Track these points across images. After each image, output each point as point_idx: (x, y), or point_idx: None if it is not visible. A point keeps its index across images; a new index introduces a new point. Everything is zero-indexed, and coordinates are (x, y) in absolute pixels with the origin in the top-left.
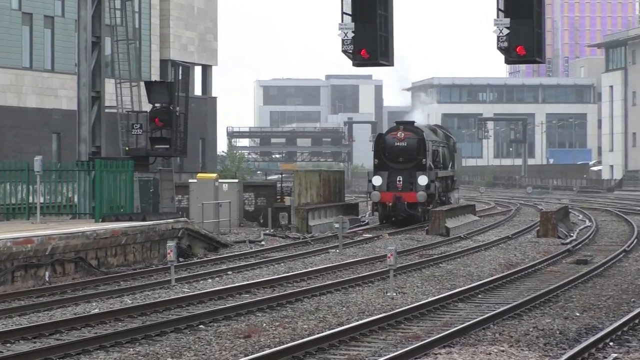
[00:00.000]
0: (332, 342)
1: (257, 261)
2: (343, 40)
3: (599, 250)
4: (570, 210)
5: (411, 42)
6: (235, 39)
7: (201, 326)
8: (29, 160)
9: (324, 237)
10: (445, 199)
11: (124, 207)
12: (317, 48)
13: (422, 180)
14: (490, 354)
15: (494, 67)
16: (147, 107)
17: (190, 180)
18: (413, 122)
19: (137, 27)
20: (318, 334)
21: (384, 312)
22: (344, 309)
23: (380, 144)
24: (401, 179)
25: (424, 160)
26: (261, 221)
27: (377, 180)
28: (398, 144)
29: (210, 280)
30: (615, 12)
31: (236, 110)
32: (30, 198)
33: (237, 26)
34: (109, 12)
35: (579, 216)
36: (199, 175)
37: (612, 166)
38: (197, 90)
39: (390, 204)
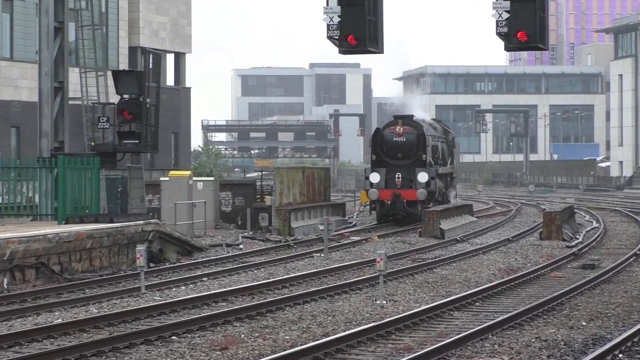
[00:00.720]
0: (317, 355)
1: (234, 266)
2: (328, 26)
3: (607, 254)
4: (575, 210)
5: (403, 27)
6: (211, 24)
7: (174, 337)
8: None
9: (307, 240)
10: (443, 198)
11: (89, 208)
12: (300, 34)
13: (422, 177)
14: None
15: (492, 54)
16: (114, 98)
17: (161, 179)
18: (412, 115)
19: (104, 12)
20: (301, 345)
21: (373, 321)
22: (330, 318)
23: (378, 139)
24: (400, 175)
25: (423, 156)
26: (239, 223)
27: (375, 177)
28: (397, 139)
29: (183, 288)
30: None
31: (212, 101)
32: None
33: (212, 10)
34: None
35: (585, 217)
36: (172, 172)
37: (621, 162)
38: (170, 80)
39: (389, 202)
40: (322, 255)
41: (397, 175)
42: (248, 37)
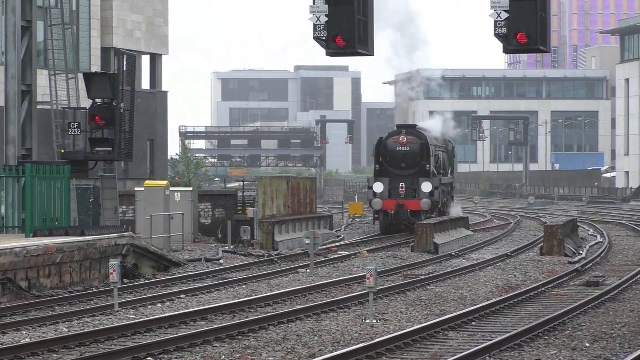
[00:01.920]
0: None
1: (214, 283)
2: (315, 26)
3: (613, 271)
4: (579, 224)
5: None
6: (189, 24)
7: (149, 358)
8: None
9: (292, 254)
10: (445, 209)
11: (59, 220)
12: (284, 35)
13: (426, 187)
14: None
15: (490, 57)
16: (86, 103)
17: (136, 189)
18: (415, 125)
19: (75, 10)
20: None
21: (362, 342)
22: (316, 338)
23: (382, 149)
24: (404, 185)
25: (427, 166)
26: (219, 236)
27: (379, 187)
28: (400, 148)
29: (160, 305)
30: None
31: (190, 107)
32: None
33: (191, 9)
34: None
35: (589, 231)
36: (147, 182)
37: (627, 173)
38: (145, 84)
39: (393, 212)
40: (308, 271)
41: (400, 185)
42: (229, 37)
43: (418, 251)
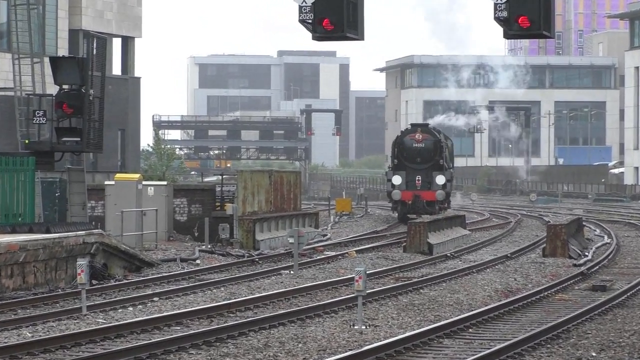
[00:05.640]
0: None
1: (190, 285)
2: (300, 7)
3: (621, 274)
4: (584, 223)
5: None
6: (164, 5)
7: None
8: None
9: (275, 254)
10: (448, 204)
11: (22, 216)
12: (267, 17)
13: (440, 179)
14: None
15: (489, 42)
16: (52, 89)
17: (106, 183)
18: (427, 124)
19: None
20: None
21: (350, 349)
22: (300, 345)
23: (398, 145)
24: (420, 178)
25: (441, 160)
26: (196, 234)
27: (397, 180)
28: (416, 145)
29: (131, 309)
30: None
31: (165, 94)
32: None
33: None
34: None
35: (595, 231)
36: (118, 175)
37: (637, 168)
38: (116, 69)
39: (410, 202)
40: (292, 272)
41: (417, 178)
42: (207, 19)
43: (410, 252)
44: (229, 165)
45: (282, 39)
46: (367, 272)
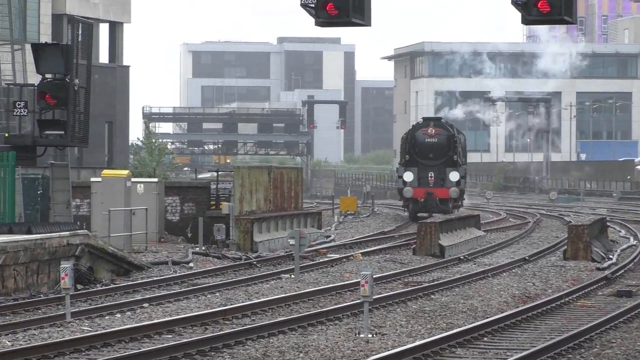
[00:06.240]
0: None
1: (183, 290)
2: None
3: None
4: (608, 223)
5: None
6: None
7: None
8: None
9: (274, 257)
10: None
11: (2, 215)
12: (266, 0)
13: (454, 176)
14: None
15: (506, 29)
16: (34, 78)
17: (92, 179)
18: (440, 117)
19: None
20: None
21: (355, 359)
22: (302, 355)
23: (410, 140)
24: (432, 174)
25: (454, 156)
26: (189, 235)
27: (409, 176)
28: (429, 140)
29: (119, 316)
30: None
31: (156, 84)
32: None
33: None
34: None
35: (620, 232)
36: (105, 172)
37: None
38: (104, 57)
39: (422, 199)
40: (293, 276)
41: (429, 174)
42: (201, 3)
43: (421, 254)
44: (228, 161)
45: (282, 25)
46: (374, 276)
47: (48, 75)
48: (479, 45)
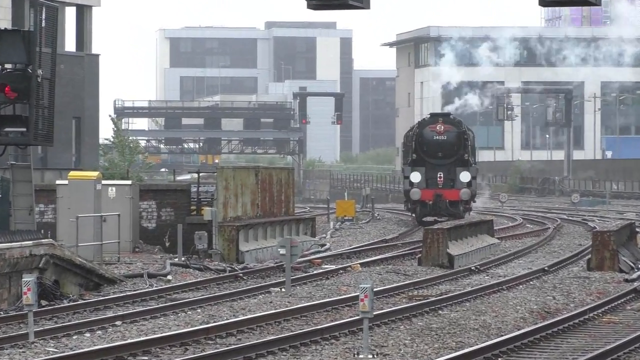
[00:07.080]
0: None
1: (160, 305)
2: None
3: None
4: (638, 229)
5: None
6: None
7: None
8: None
9: (262, 269)
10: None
11: None
12: None
13: (465, 176)
14: None
15: (522, 12)
16: None
17: (58, 182)
18: (449, 113)
19: None
20: None
21: None
22: None
23: (417, 138)
24: (442, 175)
25: (465, 155)
26: (167, 244)
27: (416, 177)
28: (437, 137)
29: (88, 335)
30: None
31: (129, 74)
32: None
33: None
34: None
35: None
36: (72, 174)
37: None
38: (70, 44)
39: (431, 202)
40: (284, 290)
41: (438, 175)
42: None
43: (427, 264)
44: (217, 160)
45: (270, 8)
46: (375, 289)
47: (8, 65)
48: (491, 30)
